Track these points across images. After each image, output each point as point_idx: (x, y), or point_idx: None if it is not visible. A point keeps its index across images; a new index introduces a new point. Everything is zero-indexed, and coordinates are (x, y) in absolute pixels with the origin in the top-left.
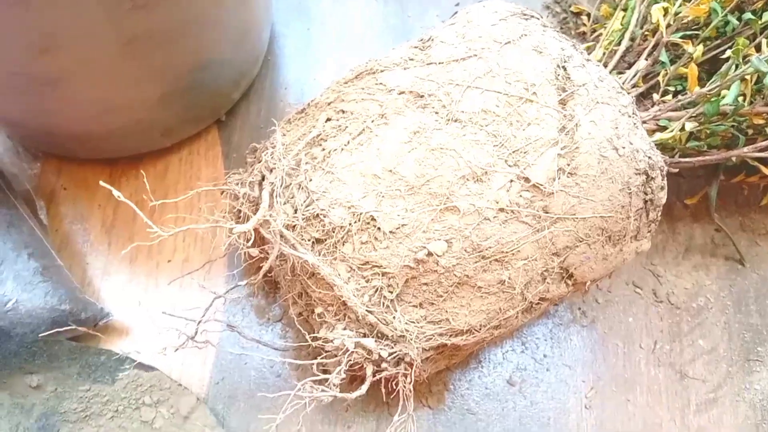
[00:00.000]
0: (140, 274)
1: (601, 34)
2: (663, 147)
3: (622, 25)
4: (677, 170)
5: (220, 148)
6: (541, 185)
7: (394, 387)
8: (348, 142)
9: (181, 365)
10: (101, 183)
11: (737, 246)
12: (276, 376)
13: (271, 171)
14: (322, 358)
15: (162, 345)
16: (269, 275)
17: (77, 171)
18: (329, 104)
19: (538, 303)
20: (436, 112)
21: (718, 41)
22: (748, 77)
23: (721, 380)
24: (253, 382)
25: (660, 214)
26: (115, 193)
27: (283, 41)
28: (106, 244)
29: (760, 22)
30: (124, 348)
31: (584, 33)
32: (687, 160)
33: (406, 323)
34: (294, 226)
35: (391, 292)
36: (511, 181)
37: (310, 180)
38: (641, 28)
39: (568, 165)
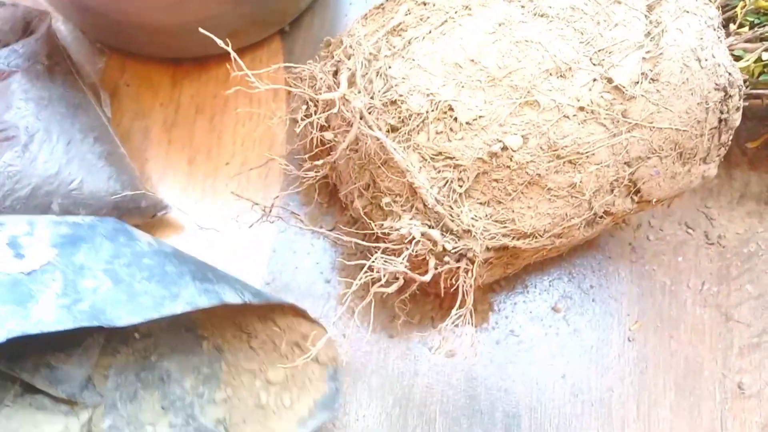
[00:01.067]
0: (198, 175)
1: None
2: None
3: None
4: (746, 103)
5: (282, 59)
6: (624, 87)
7: (453, 282)
8: (430, 32)
9: (234, 263)
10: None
11: None
12: (326, 281)
13: (350, 58)
14: (384, 249)
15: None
16: (326, 179)
17: (141, 69)
18: (405, 2)
19: (602, 216)
20: (523, 6)
21: None
22: None
23: (766, 326)
24: (303, 286)
25: (731, 137)
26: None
27: None
28: (166, 143)
29: None
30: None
31: None
32: (758, 92)
33: (473, 219)
34: (371, 111)
35: (461, 186)
36: (594, 80)
37: (390, 67)
38: None
39: (651, 70)
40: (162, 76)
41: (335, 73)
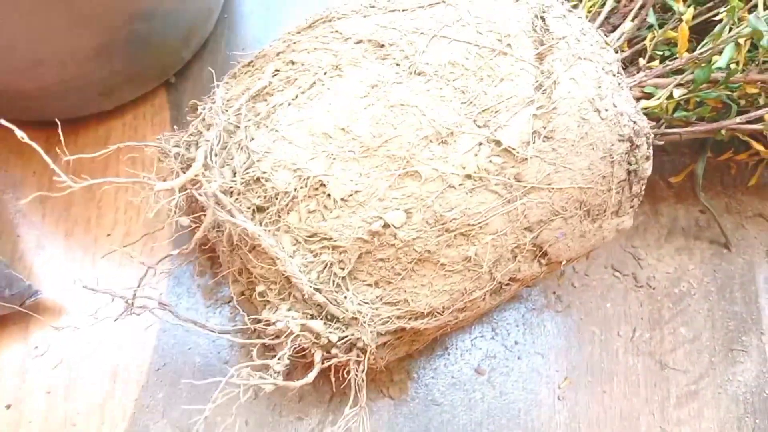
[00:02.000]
0: (77, 249)
1: None
2: (648, 117)
3: None
4: (662, 143)
5: (169, 113)
6: (514, 150)
7: (347, 375)
8: (296, 96)
9: (117, 349)
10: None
11: (723, 229)
12: (224, 362)
13: (209, 128)
14: (264, 342)
15: (98, 316)
16: (209, 251)
17: (10, 135)
18: (278, 54)
19: (507, 284)
20: (398, 64)
21: (710, 3)
22: (742, 42)
23: (703, 371)
24: (198, 369)
25: (644, 188)
26: (19, 133)
27: None
28: (40, 216)
29: None
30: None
31: None
32: (674, 131)
33: (359, 304)
34: (232, 191)
35: (343, 269)
36: (480, 144)
37: (252, 139)
38: None
39: (544, 128)
40: (34, 142)
41: (199, 139)
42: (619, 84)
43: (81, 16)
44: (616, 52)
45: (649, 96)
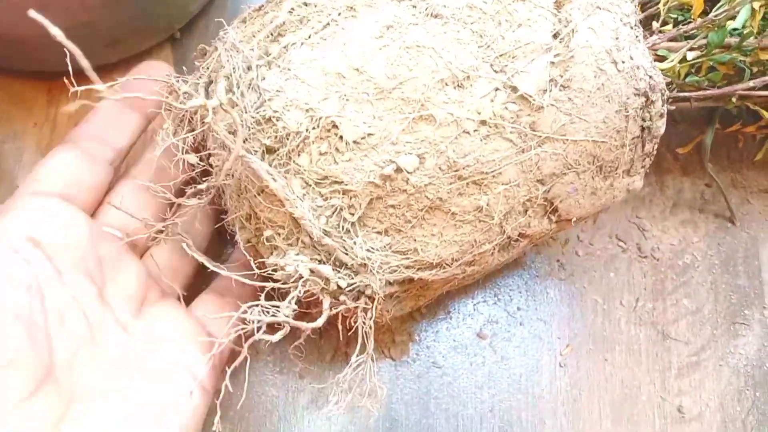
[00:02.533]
0: None
1: None
2: None
3: None
4: (673, 107)
5: (173, 69)
6: (530, 97)
7: (353, 324)
8: (309, 36)
9: None
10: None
11: (728, 203)
12: None
13: (222, 68)
14: (271, 289)
15: None
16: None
17: (12, 85)
18: None
19: (516, 240)
20: (414, 6)
21: None
22: (757, 7)
23: (705, 343)
24: None
25: (656, 147)
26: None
27: None
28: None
29: None
30: None
31: None
32: (685, 94)
33: (368, 250)
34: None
35: (353, 214)
36: (497, 89)
37: (263, 78)
38: None
39: (561, 76)
40: (36, 93)
41: (207, 86)
42: (636, 37)
43: None
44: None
45: (662, 59)
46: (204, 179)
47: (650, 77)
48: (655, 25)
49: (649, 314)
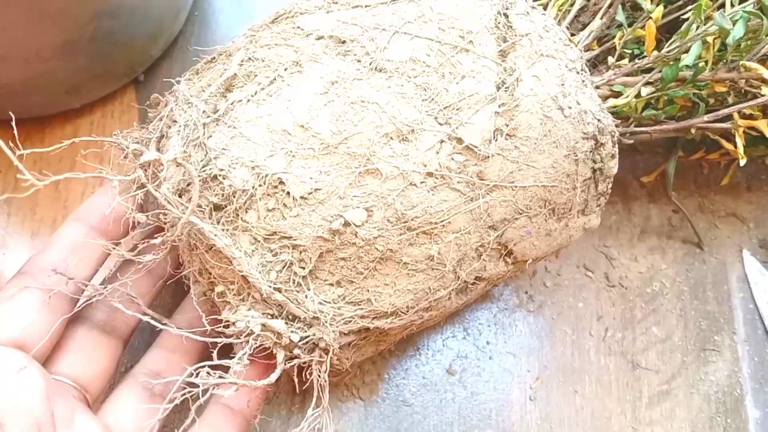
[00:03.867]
0: None
1: None
2: (617, 116)
3: None
4: (632, 141)
5: (137, 111)
6: (476, 147)
7: (310, 376)
8: (255, 93)
9: None
10: None
11: (695, 228)
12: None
13: (172, 124)
14: (224, 342)
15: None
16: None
17: None
18: (239, 50)
19: (474, 283)
20: (359, 60)
21: (680, 2)
22: (710, 40)
23: (675, 371)
24: None
25: (610, 186)
26: None
27: None
28: (5, 215)
29: None
30: None
31: None
32: (643, 130)
33: (321, 303)
34: (186, 190)
35: (303, 268)
36: (442, 141)
37: (209, 136)
38: None
39: (507, 125)
40: None
41: (161, 138)
42: (583, 81)
43: (45, 12)
44: (586, 50)
45: (618, 94)
46: (156, 235)
47: (598, 120)
48: (611, 60)
49: (618, 344)
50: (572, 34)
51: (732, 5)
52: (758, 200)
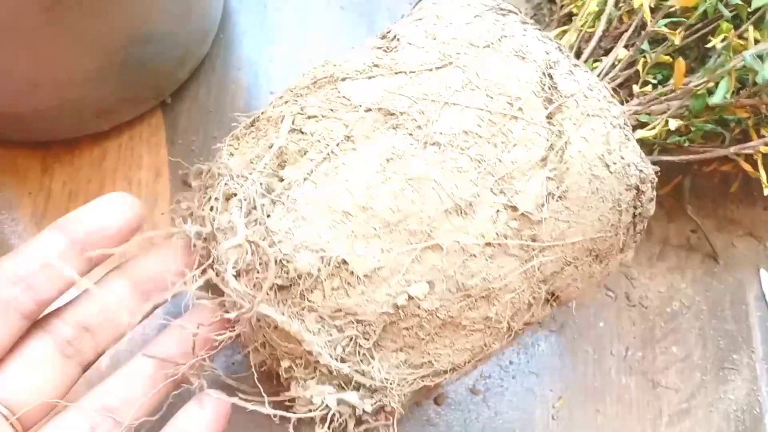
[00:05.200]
0: None
1: (572, 14)
2: (642, 143)
3: (598, 6)
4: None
5: (164, 134)
6: (530, 213)
7: None
8: (311, 171)
9: None
10: None
11: (714, 248)
12: None
13: (228, 198)
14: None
15: None
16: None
17: (5, 155)
18: (284, 118)
19: (521, 329)
20: (411, 134)
21: (698, 24)
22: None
23: (695, 390)
24: None
25: (646, 224)
26: None
27: (236, 18)
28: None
29: (749, 9)
30: None
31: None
32: (669, 158)
33: (387, 371)
34: (249, 270)
35: (368, 340)
36: (498, 211)
37: (268, 215)
38: (617, 8)
39: (557, 188)
40: (30, 162)
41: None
42: (626, 135)
43: (79, 40)
44: (611, 79)
45: (644, 124)
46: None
47: (640, 171)
48: (636, 88)
49: (639, 363)
50: (595, 60)
51: (756, 41)
52: None
